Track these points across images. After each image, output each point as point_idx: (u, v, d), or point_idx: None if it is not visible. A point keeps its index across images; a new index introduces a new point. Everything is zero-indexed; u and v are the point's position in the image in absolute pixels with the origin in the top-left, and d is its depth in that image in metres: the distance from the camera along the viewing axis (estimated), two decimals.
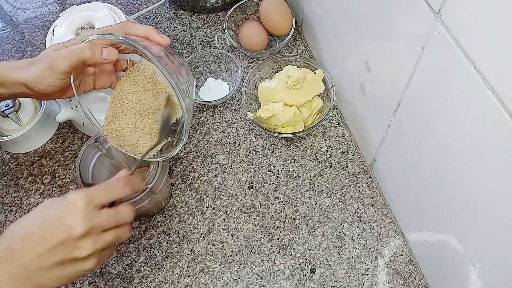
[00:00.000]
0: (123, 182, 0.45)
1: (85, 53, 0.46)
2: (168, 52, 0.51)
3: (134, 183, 0.46)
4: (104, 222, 0.42)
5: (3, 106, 0.68)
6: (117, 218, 0.43)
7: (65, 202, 0.41)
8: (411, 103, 0.46)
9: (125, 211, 0.44)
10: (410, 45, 0.42)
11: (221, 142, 0.69)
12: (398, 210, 0.59)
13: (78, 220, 0.39)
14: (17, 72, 0.48)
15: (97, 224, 0.41)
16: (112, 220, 0.42)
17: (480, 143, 0.36)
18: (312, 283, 0.57)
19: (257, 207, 0.63)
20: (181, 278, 0.58)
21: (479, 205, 0.39)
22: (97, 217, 0.41)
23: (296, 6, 0.77)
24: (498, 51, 0.31)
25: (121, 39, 0.46)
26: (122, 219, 0.44)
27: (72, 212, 0.40)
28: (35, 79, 0.48)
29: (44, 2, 0.91)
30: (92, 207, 0.41)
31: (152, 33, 0.50)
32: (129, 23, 0.50)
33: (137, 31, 0.50)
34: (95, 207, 0.41)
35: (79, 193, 0.41)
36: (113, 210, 0.43)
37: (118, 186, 0.44)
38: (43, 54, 0.49)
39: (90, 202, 0.41)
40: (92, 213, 0.41)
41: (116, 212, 0.43)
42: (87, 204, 0.40)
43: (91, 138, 0.57)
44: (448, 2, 0.34)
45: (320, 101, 0.67)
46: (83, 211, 0.40)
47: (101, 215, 0.42)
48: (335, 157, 0.66)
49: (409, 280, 0.56)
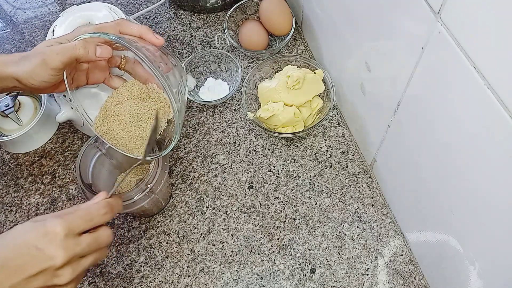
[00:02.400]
0: (104, 209, 0.44)
1: (79, 51, 0.46)
2: (162, 52, 0.50)
3: (115, 207, 0.46)
4: (84, 250, 0.41)
5: (3, 106, 0.68)
6: (97, 244, 0.43)
7: (44, 231, 0.39)
8: (411, 103, 0.46)
9: (105, 236, 0.44)
10: (410, 45, 0.42)
11: (221, 142, 0.69)
12: (398, 210, 0.59)
13: (59, 251, 0.39)
14: (10, 66, 0.48)
15: (78, 253, 0.40)
16: (92, 247, 0.42)
17: (480, 143, 0.36)
18: (312, 283, 0.57)
19: (257, 207, 0.63)
20: (181, 278, 0.58)
21: (479, 205, 0.39)
22: (77, 245, 0.40)
23: (296, 6, 0.77)
24: (498, 51, 0.31)
25: (114, 39, 0.45)
26: (102, 244, 0.43)
27: (52, 243, 0.39)
28: (28, 74, 0.47)
29: (44, 2, 0.91)
30: (72, 236, 0.40)
31: (146, 33, 0.49)
32: (123, 22, 0.50)
33: (132, 30, 0.49)
34: (75, 236, 0.41)
35: (59, 220, 0.40)
36: (94, 236, 0.42)
37: (99, 213, 0.43)
38: (36, 49, 0.48)
39: (70, 231, 0.40)
40: (72, 242, 0.40)
41: (96, 239, 0.43)
42: (67, 234, 0.40)
43: (91, 138, 0.57)
44: (448, 2, 0.34)
45: (320, 101, 0.67)
46: (64, 242, 0.39)
47: (82, 242, 0.41)
48: (335, 157, 0.66)
49: (409, 280, 0.56)
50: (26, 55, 0.48)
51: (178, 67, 0.52)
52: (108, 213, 0.44)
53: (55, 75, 0.47)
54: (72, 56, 0.46)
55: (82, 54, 0.46)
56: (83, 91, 0.56)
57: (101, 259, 0.45)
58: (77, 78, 0.52)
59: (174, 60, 0.52)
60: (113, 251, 0.61)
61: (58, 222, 0.40)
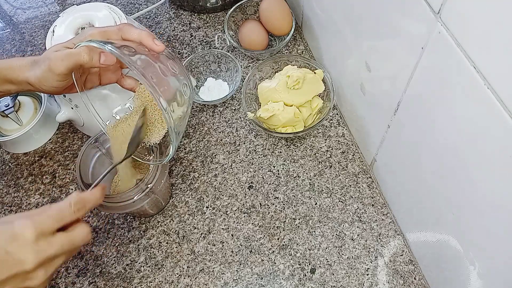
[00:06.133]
0: (75, 205, 0.41)
1: (83, 57, 0.46)
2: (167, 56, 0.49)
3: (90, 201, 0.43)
4: (57, 251, 0.39)
5: (3, 106, 0.68)
6: (71, 244, 0.41)
7: (12, 233, 0.38)
8: (411, 103, 0.46)
9: (80, 235, 0.42)
10: (410, 45, 0.42)
11: (221, 142, 0.69)
12: (398, 210, 0.59)
13: (29, 255, 0.38)
14: (25, 71, 0.49)
15: (50, 255, 0.39)
16: (66, 248, 0.40)
17: (480, 143, 0.36)
18: (312, 283, 0.57)
19: (257, 207, 0.63)
20: (181, 278, 0.58)
21: (479, 205, 0.39)
22: (49, 247, 0.39)
23: (296, 6, 0.77)
24: (498, 51, 0.31)
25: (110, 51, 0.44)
26: (78, 244, 0.41)
27: (22, 246, 0.38)
28: (38, 80, 0.48)
29: (44, 2, 0.91)
30: (43, 237, 0.39)
31: (147, 39, 0.48)
32: (125, 27, 0.49)
33: (132, 36, 0.49)
34: (46, 236, 0.39)
35: (28, 222, 0.38)
36: (67, 236, 0.41)
37: (70, 211, 0.41)
38: (45, 54, 0.49)
39: (40, 232, 0.38)
40: (43, 244, 0.38)
41: (71, 239, 0.41)
42: (38, 235, 0.38)
43: (91, 138, 0.57)
44: (448, 2, 0.34)
45: (320, 101, 0.67)
46: (34, 245, 0.38)
47: (54, 243, 0.39)
48: (335, 157, 0.66)
49: (409, 280, 0.56)
50: (37, 60, 0.49)
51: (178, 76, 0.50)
52: (80, 209, 0.42)
53: (62, 80, 0.48)
54: (77, 63, 0.46)
55: (86, 61, 0.46)
56: (94, 93, 0.56)
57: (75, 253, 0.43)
58: (90, 79, 0.52)
59: (177, 67, 0.50)
60: (113, 251, 0.61)
61: (27, 224, 0.38)
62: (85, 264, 0.60)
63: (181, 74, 0.50)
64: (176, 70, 0.49)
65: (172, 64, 0.49)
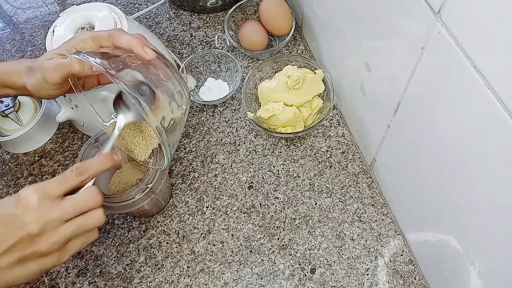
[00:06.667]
0: (76, 170, 0.42)
1: (74, 67, 0.46)
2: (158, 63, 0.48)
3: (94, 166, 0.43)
4: (60, 213, 0.39)
5: (3, 106, 0.68)
6: (76, 206, 0.40)
7: (17, 199, 0.39)
8: (411, 103, 0.46)
9: (85, 196, 0.41)
10: (410, 45, 0.42)
11: (221, 142, 0.69)
12: (398, 210, 0.59)
13: (33, 216, 0.38)
14: (22, 77, 0.50)
15: (55, 217, 0.39)
16: (69, 210, 0.40)
17: (480, 143, 0.36)
18: (312, 283, 0.57)
19: (257, 207, 0.63)
20: (181, 278, 0.58)
21: (479, 205, 0.39)
22: (54, 208, 0.39)
23: (296, 6, 0.77)
24: (498, 51, 0.31)
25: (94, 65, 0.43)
26: (83, 206, 0.41)
27: (26, 208, 0.38)
28: (35, 88, 0.49)
29: (44, 2, 0.91)
30: (47, 199, 0.39)
31: (136, 47, 0.46)
32: (116, 33, 0.48)
33: (122, 44, 0.47)
34: (51, 199, 0.39)
35: (31, 187, 0.39)
36: (71, 198, 0.41)
37: (72, 174, 0.41)
38: (39, 62, 0.49)
39: (44, 194, 0.39)
40: (47, 206, 0.39)
41: (74, 200, 0.40)
42: (40, 197, 0.39)
43: (91, 138, 0.57)
44: (448, 2, 0.34)
45: (320, 101, 0.67)
46: (37, 206, 0.39)
47: (59, 206, 0.40)
48: (335, 157, 0.66)
49: (409, 280, 0.56)
50: (32, 67, 0.49)
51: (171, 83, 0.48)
52: (83, 172, 0.42)
53: (58, 88, 0.49)
54: (69, 73, 0.47)
55: (78, 71, 0.47)
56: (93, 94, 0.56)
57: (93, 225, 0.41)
58: (88, 80, 0.53)
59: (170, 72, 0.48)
60: (113, 251, 0.61)
61: (31, 188, 0.39)
62: (85, 264, 0.60)
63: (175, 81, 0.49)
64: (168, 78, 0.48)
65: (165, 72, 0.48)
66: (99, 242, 0.62)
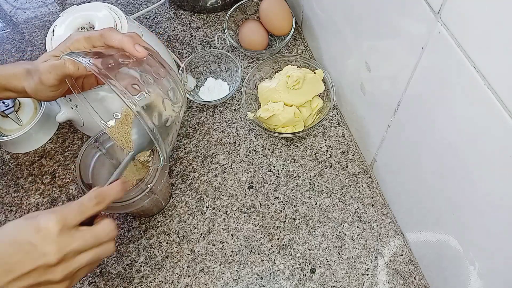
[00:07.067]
0: (95, 199, 0.42)
1: (69, 68, 0.46)
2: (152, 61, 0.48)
3: (110, 195, 0.44)
4: (80, 245, 0.40)
5: (3, 106, 0.68)
6: (95, 239, 0.41)
7: (37, 227, 0.39)
8: (411, 103, 0.46)
9: (105, 229, 0.42)
10: (410, 45, 0.42)
11: (221, 142, 0.69)
12: (398, 210, 0.59)
13: (53, 247, 0.38)
14: (21, 81, 0.50)
15: (74, 249, 0.40)
16: (89, 242, 0.41)
17: (480, 143, 0.36)
18: (312, 283, 0.57)
19: (257, 207, 0.63)
20: (181, 278, 0.58)
21: (479, 205, 0.39)
22: (73, 241, 0.39)
23: (296, 6, 0.77)
24: (498, 51, 0.31)
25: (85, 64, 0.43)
26: (102, 239, 0.42)
27: (46, 239, 0.38)
28: (34, 92, 0.50)
29: (44, 2, 0.91)
30: (66, 230, 0.39)
31: (128, 46, 0.46)
32: (107, 33, 0.48)
33: (114, 43, 0.47)
34: (69, 229, 0.40)
35: (51, 216, 0.39)
36: (92, 230, 0.41)
37: (91, 204, 0.42)
38: (35, 65, 0.49)
39: (64, 225, 0.39)
40: (67, 238, 0.39)
41: (94, 233, 0.41)
42: (61, 228, 0.39)
43: (91, 138, 0.57)
44: (448, 2, 0.34)
45: (320, 101, 0.67)
46: (58, 238, 0.39)
47: (78, 237, 0.40)
48: (335, 157, 0.66)
49: (409, 280, 0.56)
50: (29, 70, 0.49)
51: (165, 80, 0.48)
52: (101, 202, 0.42)
53: (56, 90, 0.49)
54: (64, 74, 0.47)
55: (72, 71, 0.47)
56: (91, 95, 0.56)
57: (105, 256, 0.43)
58: (87, 81, 0.53)
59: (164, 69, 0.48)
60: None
61: (51, 217, 0.39)
62: None
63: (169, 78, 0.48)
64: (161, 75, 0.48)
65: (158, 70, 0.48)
66: None
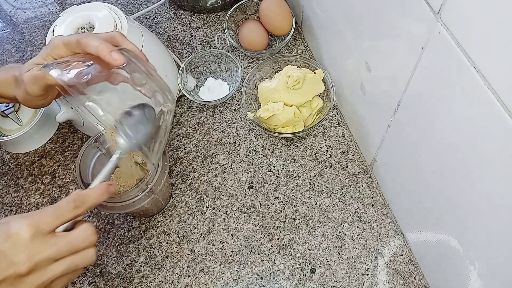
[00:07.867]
0: (73, 203, 0.39)
1: (49, 78, 0.45)
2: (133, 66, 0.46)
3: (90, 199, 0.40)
4: (53, 253, 0.37)
5: (3, 106, 0.68)
6: (71, 245, 0.38)
7: (7, 233, 0.36)
8: (411, 103, 0.46)
9: (82, 235, 0.38)
10: (410, 45, 0.42)
11: (221, 142, 0.69)
12: (398, 210, 0.59)
13: (23, 256, 0.35)
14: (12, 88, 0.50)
15: (46, 257, 0.36)
16: (64, 249, 0.37)
17: (480, 143, 0.36)
18: (312, 283, 0.57)
19: (257, 207, 0.63)
20: (181, 278, 0.58)
21: (479, 205, 0.39)
22: (45, 248, 0.36)
23: (296, 6, 0.77)
24: (498, 51, 0.31)
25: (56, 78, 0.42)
26: (79, 245, 0.38)
27: (16, 246, 0.35)
28: (23, 101, 0.50)
29: (44, 2, 0.91)
30: (39, 236, 0.36)
31: (103, 54, 0.44)
32: (84, 40, 0.46)
33: (90, 50, 0.45)
34: (43, 235, 0.36)
35: (23, 221, 0.36)
36: (66, 236, 0.38)
37: (68, 207, 0.38)
38: (21, 74, 0.48)
39: (37, 231, 0.36)
40: (39, 245, 0.36)
41: (70, 239, 0.38)
42: (33, 234, 0.36)
43: (91, 138, 0.57)
44: (448, 2, 0.34)
45: (320, 101, 0.67)
46: (29, 245, 0.35)
47: (51, 244, 0.37)
48: (335, 157, 0.66)
49: (409, 280, 0.56)
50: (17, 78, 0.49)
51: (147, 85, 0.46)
52: (79, 206, 0.39)
53: (44, 98, 0.49)
54: (46, 84, 0.46)
55: (53, 82, 0.45)
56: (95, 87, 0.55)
57: (84, 264, 0.39)
58: None
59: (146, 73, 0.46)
60: (113, 251, 0.61)
61: (23, 222, 0.36)
62: None
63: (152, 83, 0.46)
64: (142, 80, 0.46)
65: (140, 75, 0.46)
66: (99, 242, 0.62)
